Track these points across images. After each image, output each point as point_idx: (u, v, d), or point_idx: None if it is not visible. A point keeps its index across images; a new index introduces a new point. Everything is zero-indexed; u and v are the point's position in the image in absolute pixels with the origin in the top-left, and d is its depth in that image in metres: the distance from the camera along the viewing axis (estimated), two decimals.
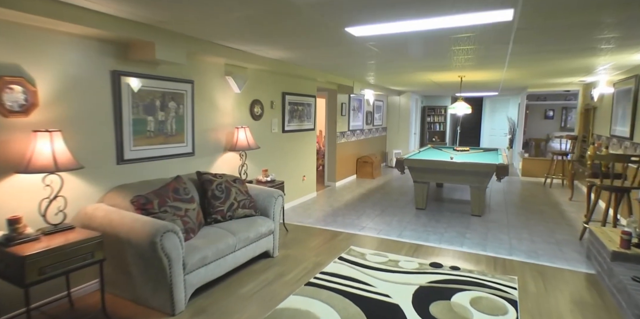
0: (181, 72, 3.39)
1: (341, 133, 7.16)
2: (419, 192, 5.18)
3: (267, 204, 3.39)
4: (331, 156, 7.06)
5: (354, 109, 7.66)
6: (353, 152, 7.82)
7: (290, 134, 5.34)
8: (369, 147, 8.78)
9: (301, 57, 4.07)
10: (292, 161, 5.43)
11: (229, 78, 3.95)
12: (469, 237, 4.05)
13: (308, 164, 5.91)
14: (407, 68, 4.92)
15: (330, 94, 6.88)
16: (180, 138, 3.41)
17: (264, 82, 4.63)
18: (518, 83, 7.01)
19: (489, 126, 11.65)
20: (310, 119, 5.86)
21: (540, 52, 3.66)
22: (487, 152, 6.24)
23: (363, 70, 5.19)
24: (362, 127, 8.18)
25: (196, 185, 3.25)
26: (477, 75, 5.60)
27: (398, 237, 4.05)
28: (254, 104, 4.44)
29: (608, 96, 5.69)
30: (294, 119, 5.39)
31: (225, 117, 3.99)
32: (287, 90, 5.15)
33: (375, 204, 5.61)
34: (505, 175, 4.49)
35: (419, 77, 5.99)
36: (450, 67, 4.79)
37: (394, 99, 9.89)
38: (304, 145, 5.75)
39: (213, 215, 3.10)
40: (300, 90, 5.51)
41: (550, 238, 4.06)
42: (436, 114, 11.31)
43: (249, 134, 3.96)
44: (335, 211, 5.19)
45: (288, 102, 5.18)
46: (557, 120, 10.31)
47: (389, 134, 10.07)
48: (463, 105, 5.50)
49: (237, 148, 3.85)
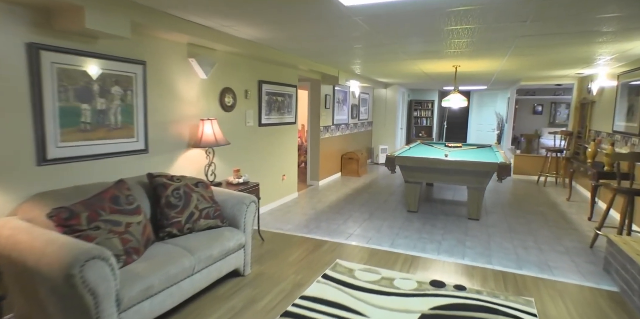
0: (129, 50, 2.74)
1: (325, 128, 6.59)
2: (411, 193, 4.69)
3: (237, 212, 2.80)
4: (314, 152, 6.50)
5: (338, 102, 7.11)
6: (337, 148, 7.28)
7: (268, 128, 4.74)
8: (355, 142, 8.26)
9: (279, 37, 3.47)
10: (271, 158, 4.84)
11: (193, 61, 3.32)
12: (470, 246, 3.58)
13: (289, 161, 5.33)
14: (397, 55, 4.39)
15: (314, 84, 6.30)
16: (128, 132, 2.77)
17: (237, 67, 4.00)
18: (512, 75, 6.61)
19: (476, 121, 11.33)
20: (291, 111, 5.27)
21: (557, 35, 3.18)
22: (482, 149, 5.81)
23: (349, 57, 4.63)
24: (347, 122, 7.64)
25: (147, 191, 2.63)
26: (474, 65, 5.13)
27: (390, 246, 3.55)
28: (225, 93, 3.82)
29: (609, 89, 5.33)
30: (273, 112, 4.79)
31: (188, 108, 3.36)
32: (264, 78, 4.53)
33: (362, 205, 5.09)
34: (507, 175, 4.04)
35: (409, 66, 5.47)
36: (445, 55, 4.29)
37: (380, 92, 9.38)
38: (284, 140, 5.16)
39: (167, 228, 2.49)
40: (280, 79, 4.90)
41: (559, 246, 3.64)
42: (423, 108, 10.89)
43: (217, 128, 3.35)
44: (318, 214, 4.64)
45: (266, 92, 4.57)
46: (546, 115, 10.06)
47: (375, 128, 9.58)
48: (458, 97, 5.02)
49: (202, 144, 3.23)
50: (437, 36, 3.27)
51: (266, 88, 4.58)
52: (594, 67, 5.31)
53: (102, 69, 2.54)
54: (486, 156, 4.93)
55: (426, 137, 10.93)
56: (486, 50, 3.98)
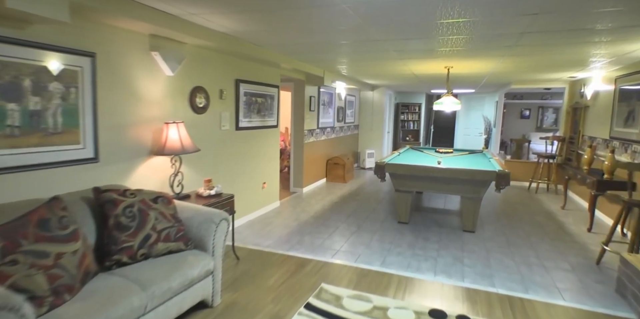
0: (74, 39, 2.29)
1: (309, 131, 6.20)
2: (402, 203, 4.34)
3: (205, 232, 2.37)
4: (298, 157, 6.10)
5: (324, 104, 6.73)
6: (323, 153, 6.90)
7: (247, 132, 4.31)
8: (341, 147, 7.90)
9: (256, 30, 3.06)
10: (250, 165, 4.41)
11: (156, 55, 2.88)
12: (469, 264, 3.24)
13: (270, 168, 4.91)
14: (388, 54, 4.04)
15: (297, 85, 5.90)
16: (72, 137, 2.31)
17: (210, 64, 3.57)
18: (504, 78, 6.38)
19: (464, 125, 11.15)
20: (273, 113, 4.86)
21: (563, 32, 2.89)
22: (474, 155, 5.53)
23: (335, 55, 4.26)
24: (332, 125, 7.27)
25: (92, 209, 2.18)
26: (467, 66, 4.84)
27: (382, 266, 3.17)
28: (196, 93, 3.38)
29: (605, 93, 5.12)
30: (252, 114, 4.36)
31: (151, 109, 2.91)
32: (242, 77, 4.11)
33: (349, 216, 4.71)
34: (506, 184, 3.73)
35: (399, 67, 5.15)
36: (439, 54, 3.96)
37: (367, 95, 9.06)
38: (265, 145, 4.74)
39: (115, 256, 2.04)
40: (260, 78, 4.49)
41: (563, 262, 3.34)
42: (410, 111, 10.64)
43: (184, 133, 2.91)
44: (301, 226, 4.23)
45: (244, 92, 4.15)
46: (533, 119, 9.95)
47: (362, 132, 9.25)
48: (451, 100, 4.71)
49: (166, 151, 2.79)
50: (433, 31, 2.93)
51: (244, 88, 4.15)
52: (588, 70, 5.11)
53: (35, 61, 2.08)
54: (481, 163, 4.63)
55: (413, 141, 10.67)
56: (483, 50, 3.67)
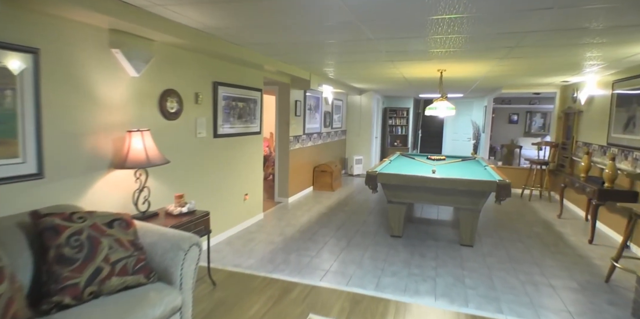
0: (7, 31, 1.91)
1: (295, 137, 5.87)
2: (395, 215, 4.04)
3: (171, 261, 2.00)
4: (283, 165, 5.75)
5: (310, 109, 6.42)
6: (309, 160, 6.56)
7: (227, 140, 3.95)
8: (328, 153, 7.59)
9: (234, 26, 2.72)
10: (230, 175, 4.04)
11: (117, 52, 2.50)
12: (472, 285, 2.95)
13: (253, 178, 4.55)
14: (379, 55, 3.76)
15: (282, 88, 5.57)
16: (7, 149, 1.92)
17: (184, 65, 3.21)
18: (495, 82, 6.19)
19: (452, 130, 11.01)
20: (256, 119, 4.51)
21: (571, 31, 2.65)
22: (468, 162, 5.29)
23: (322, 56, 3.95)
24: (319, 130, 6.95)
25: (30, 238, 1.78)
26: (461, 69, 4.61)
27: (376, 290, 2.84)
28: (167, 97, 3.01)
29: (601, 98, 4.97)
30: (233, 119, 4.00)
31: (111, 115, 2.53)
32: (221, 79, 3.76)
33: (338, 229, 4.38)
34: (507, 196, 3.47)
35: (389, 70, 4.88)
36: (433, 55, 3.70)
37: (354, 99, 8.80)
38: (247, 153, 4.38)
39: (55, 297, 1.66)
40: (242, 80, 4.14)
41: (570, 281, 3.08)
42: (398, 116, 10.43)
43: (150, 142, 2.53)
44: (287, 242, 3.88)
45: (223, 95, 3.80)
46: (521, 124, 9.87)
47: (349, 138, 8.96)
48: (445, 105, 4.46)
49: (128, 164, 2.40)
50: (430, 28, 2.65)
51: (224, 91, 3.80)
52: (582, 74, 4.95)
53: None
54: (477, 171, 4.38)
55: (402, 147, 10.45)
56: (481, 51, 3.42)
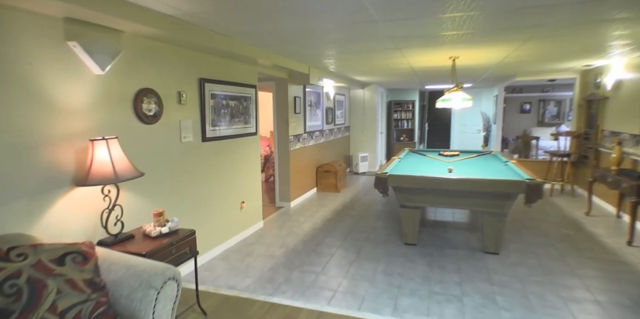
0: None
1: (295, 137, 5.44)
2: (409, 221, 3.62)
3: (139, 303, 1.60)
4: (283, 167, 5.34)
5: (310, 105, 5.98)
6: (311, 160, 6.15)
7: (218, 143, 3.53)
8: (331, 152, 7.16)
9: (217, 11, 2.29)
10: (223, 183, 3.63)
11: (75, 46, 2.09)
12: (506, 306, 2.53)
13: (250, 184, 4.14)
14: (383, 43, 3.31)
15: (279, 84, 5.14)
16: None
17: (162, 60, 2.79)
18: (510, 70, 5.71)
19: (460, 122, 10.53)
20: (250, 119, 4.09)
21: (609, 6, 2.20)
22: (485, 158, 4.85)
23: (320, 46, 3.51)
24: (321, 128, 6.52)
25: None
26: (475, 55, 4.14)
27: (394, 315, 2.43)
28: (142, 97, 2.60)
29: (632, 83, 4.49)
30: (224, 120, 3.59)
31: (71, 121, 2.12)
32: (208, 75, 3.34)
33: (345, 237, 3.97)
34: (538, 197, 3.04)
35: (396, 60, 4.43)
36: (445, 40, 3.25)
37: (357, 93, 8.35)
38: (242, 157, 3.97)
39: None
40: (233, 77, 3.71)
41: (620, 295, 2.65)
42: (404, 109, 9.96)
43: (118, 152, 2.12)
44: (288, 256, 3.48)
45: (211, 94, 3.38)
46: (534, 114, 9.37)
47: (353, 134, 8.53)
48: (460, 96, 4.00)
49: (91, 181, 1.99)
50: (442, 3, 2.21)
51: (212, 89, 3.38)
52: (609, 57, 4.46)
53: None
54: (498, 168, 3.93)
55: (408, 142, 9.99)
56: (502, 32, 2.96)
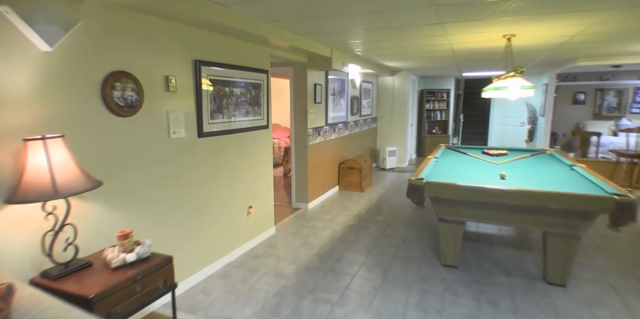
0: None
1: (315, 130, 4.81)
2: (449, 239, 2.94)
3: None
4: (301, 164, 4.74)
5: (333, 94, 5.31)
6: (333, 155, 5.51)
7: (219, 139, 2.96)
8: (356, 146, 6.48)
9: None
10: (224, 186, 3.07)
11: (8, 12, 1.53)
12: None
13: (259, 185, 3.57)
14: (420, 16, 2.59)
15: (298, 70, 4.50)
16: None
17: (144, 36, 2.22)
18: (572, 52, 4.78)
19: (500, 114, 9.51)
20: (260, 109, 3.49)
21: None
22: (539, 157, 4.05)
23: (345, 20, 2.82)
24: (345, 119, 5.85)
25: None
26: (538, 33, 3.33)
27: None
28: (114, 83, 2.04)
29: None
30: (226, 111, 3.00)
31: (7, 113, 1.58)
32: (205, 57, 2.74)
33: (370, 251, 3.35)
34: (631, 220, 2.28)
35: (434, 40, 3.67)
36: (500, 11, 2.49)
37: (386, 81, 7.57)
38: (251, 154, 3.39)
39: None
40: (238, 59, 3.11)
41: None
42: (437, 99, 9.06)
43: (64, 156, 1.57)
44: (300, 276, 2.89)
45: (210, 79, 2.79)
46: (589, 105, 8.25)
47: (381, 126, 7.79)
48: (519, 83, 3.20)
49: (21, 197, 1.46)
50: None
51: (211, 74, 2.79)
52: None
53: None
54: (564, 175, 3.15)
55: (441, 135, 9.13)
56: None
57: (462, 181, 2.77)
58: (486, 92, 3.64)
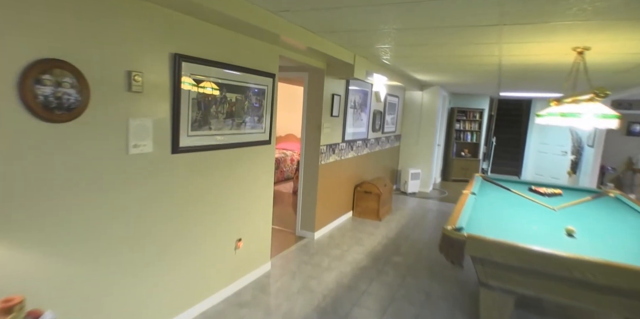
0: None
1: (329, 147, 4.15)
2: (492, 311, 2.17)
3: None
4: (309, 187, 4.06)
5: (354, 107, 4.65)
6: (348, 176, 4.81)
7: (201, 156, 2.33)
8: (375, 166, 5.77)
9: None
10: (209, 215, 2.41)
11: None
12: None
13: (254, 213, 2.90)
14: (482, 11, 1.92)
15: (314, 76, 3.87)
16: None
17: (96, 14, 1.62)
18: None
19: (538, 140, 8.60)
20: (263, 120, 2.85)
21: None
22: (604, 202, 3.24)
23: (374, 17, 2.17)
24: (365, 136, 5.17)
25: None
26: (621, 45, 2.59)
27: None
28: (41, 75, 1.43)
29: None
30: (214, 121, 2.38)
31: None
32: (190, 50, 2.13)
33: (384, 312, 2.60)
34: None
35: (481, 49, 2.97)
36: (572, 16, 1.79)
37: (413, 95, 6.87)
38: (247, 176, 2.73)
39: None
40: (237, 57, 2.49)
41: None
42: (468, 119, 8.27)
43: None
44: None
45: (195, 79, 2.18)
46: None
47: (404, 144, 7.06)
48: (600, 110, 2.43)
49: None
50: None
51: (196, 72, 2.17)
52: None
53: None
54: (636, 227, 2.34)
55: (470, 158, 8.29)
56: None
57: (515, 235, 2.02)
58: (545, 117, 2.89)
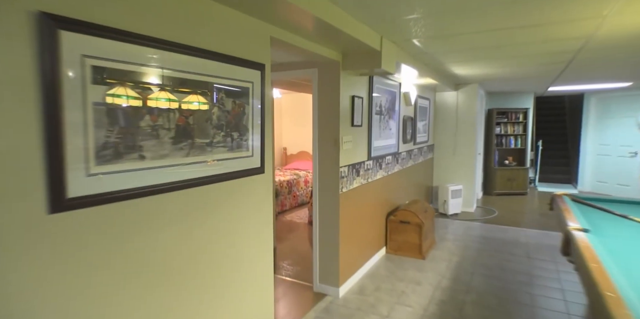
0: None
1: (353, 167, 3.05)
2: None
3: None
4: (328, 225, 2.96)
5: (380, 113, 3.56)
6: (378, 202, 3.69)
7: (123, 208, 1.28)
8: (408, 186, 4.63)
9: None
10: (149, 304, 1.36)
11: None
12: None
13: (245, 290, 1.83)
14: None
15: (325, 72, 2.83)
16: None
17: None
18: None
19: (595, 141, 7.27)
20: (246, 137, 1.80)
21: None
22: None
23: None
24: (396, 149, 4.06)
25: None
26: None
27: None
28: None
29: None
30: (150, 144, 1.34)
31: None
32: (78, 9, 1.12)
33: None
34: None
35: (587, 11, 1.86)
36: None
37: (445, 97, 5.75)
38: (227, 233, 1.67)
39: None
40: (195, 35, 1.46)
41: None
42: (510, 121, 7.05)
43: None
44: None
45: (98, 66, 1.16)
46: None
47: (438, 156, 5.90)
48: None
49: None
50: None
51: (101, 53, 1.16)
52: None
53: None
54: None
55: (516, 166, 7.02)
56: None
57: None
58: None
